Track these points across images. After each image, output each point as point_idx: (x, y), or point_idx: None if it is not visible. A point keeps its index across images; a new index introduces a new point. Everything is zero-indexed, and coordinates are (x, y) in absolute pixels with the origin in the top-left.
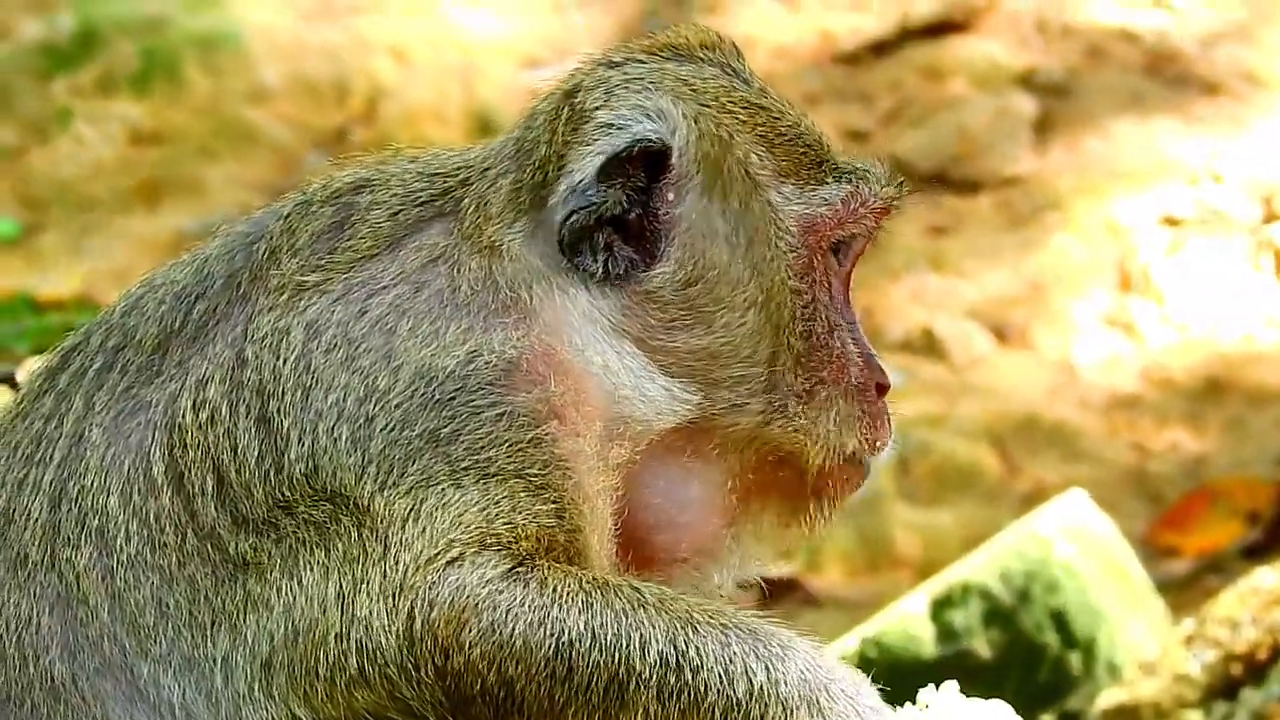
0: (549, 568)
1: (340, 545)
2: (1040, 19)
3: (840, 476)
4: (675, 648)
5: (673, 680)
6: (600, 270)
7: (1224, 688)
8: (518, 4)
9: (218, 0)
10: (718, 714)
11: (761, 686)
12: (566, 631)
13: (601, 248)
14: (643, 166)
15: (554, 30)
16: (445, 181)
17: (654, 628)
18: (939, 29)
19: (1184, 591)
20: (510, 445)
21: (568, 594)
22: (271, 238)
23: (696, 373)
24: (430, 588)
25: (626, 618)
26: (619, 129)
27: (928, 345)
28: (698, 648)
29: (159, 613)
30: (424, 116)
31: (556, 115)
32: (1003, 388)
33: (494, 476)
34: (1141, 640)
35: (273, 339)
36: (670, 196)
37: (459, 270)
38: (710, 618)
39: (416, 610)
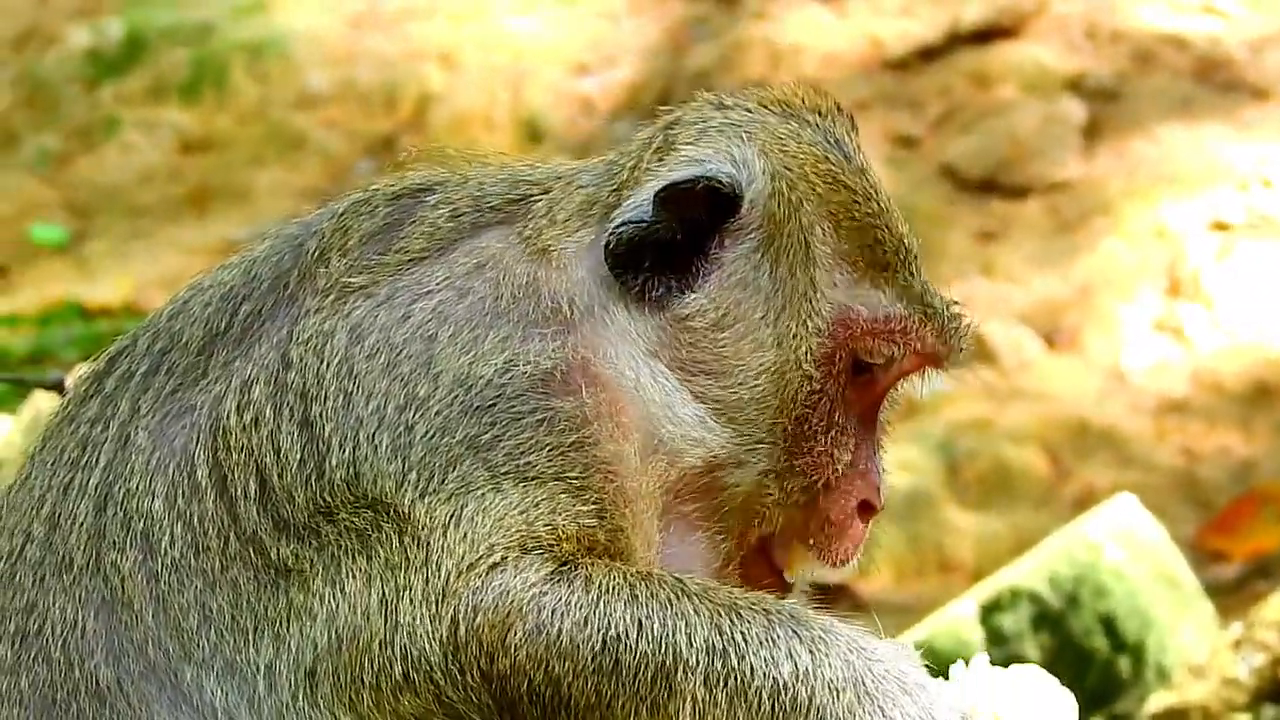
0: (592, 564)
1: (382, 552)
2: (1089, 24)
3: (767, 564)
4: (720, 634)
5: (719, 666)
6: (639, 289)
7: (1272, 691)
8: (567, 10)
9: (265, 7)
10: (764, 698)
11: (806, 669)
12: (613, 626)
13: (645, 268)
14: (706, 204)
15: (603, 36)
16: (528, 189)
17: (698, 615)
18: (988, 34)
19: (1232, 595)
20: (550, 449)
21: (612, 588)
22: (323, 237)
23: (718, 415)
24: (474, 593)
25: (671, 607)
26: (696, 164)
27: (978, 350)
28: (742, 633)
29: (202, 616)
30: (473, 122)
31: (649, 143)
32: (1052, 392)
33: (533, 480)
34: (1190, 644)
35: (317, 341)
36: (727, 242)
37: (504, 277)
38: (753, 604)
39: (460, 616)
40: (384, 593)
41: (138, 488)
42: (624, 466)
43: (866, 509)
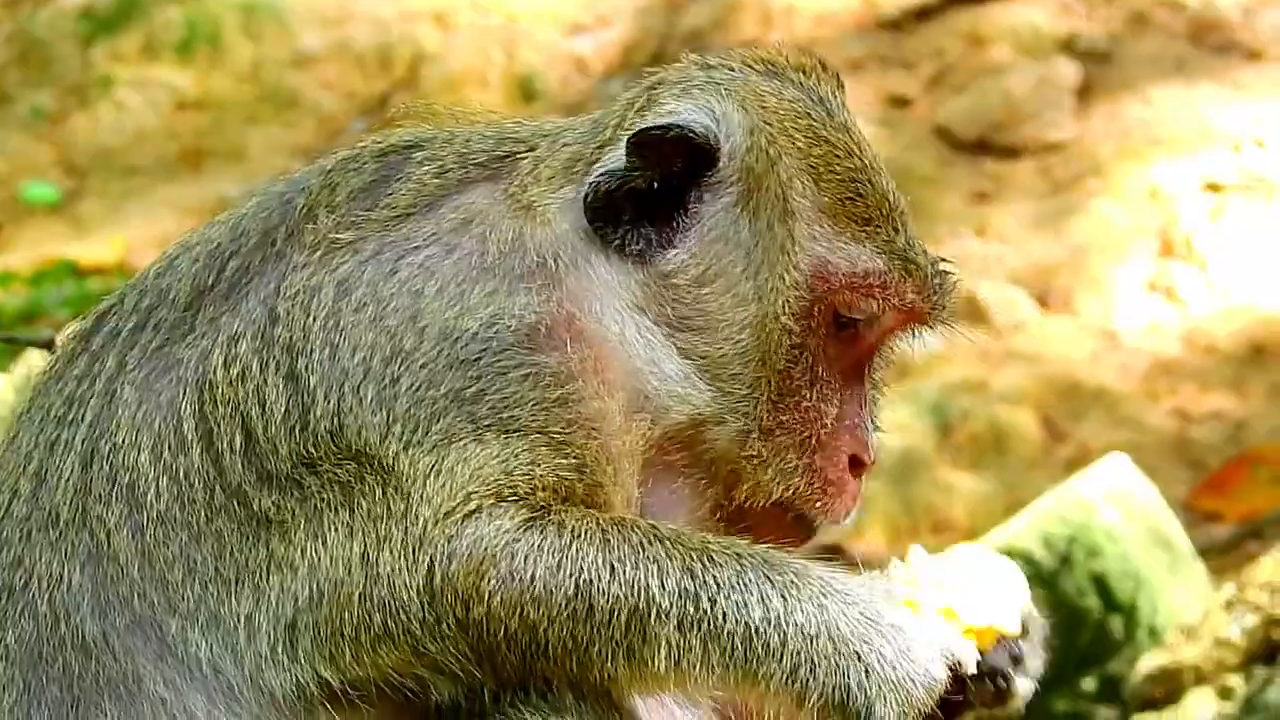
0: (565, 511)
1: (365, 504)
2: None
3: (774, 524)
4: (693, 577)
5: (691, 610)
6: (619, 241)
7: (1264, 652)
8: None
9: None
10: (737, 643)
11: (778, 614)
12: (585, 570)
13: (625, 221)
14: (683, 156)
15: None
16: (514, 146)
17: (670, 560)
18: None
19: (1225, 556)
20: (534, 404)
21: (584, 533)
22: (311, 193)
23: (702, 372)
24: (449, 541)
25: (644, 551)
26: (671, 114)
27: (970, 311)
28: (714, 577)
29: (187, 569)
30: (467, 82)
31: (633, 101)
32: (1045, 353)
33: (516, 432)
34: (1182, 605)
35: (304, 296)
36: (706, 196)
37: (491, 233)
38: (725, 549)
39: (436, 564)
40: (365, 544)
41: (124, 442)
42: (607, 424)
43: (857, 465)
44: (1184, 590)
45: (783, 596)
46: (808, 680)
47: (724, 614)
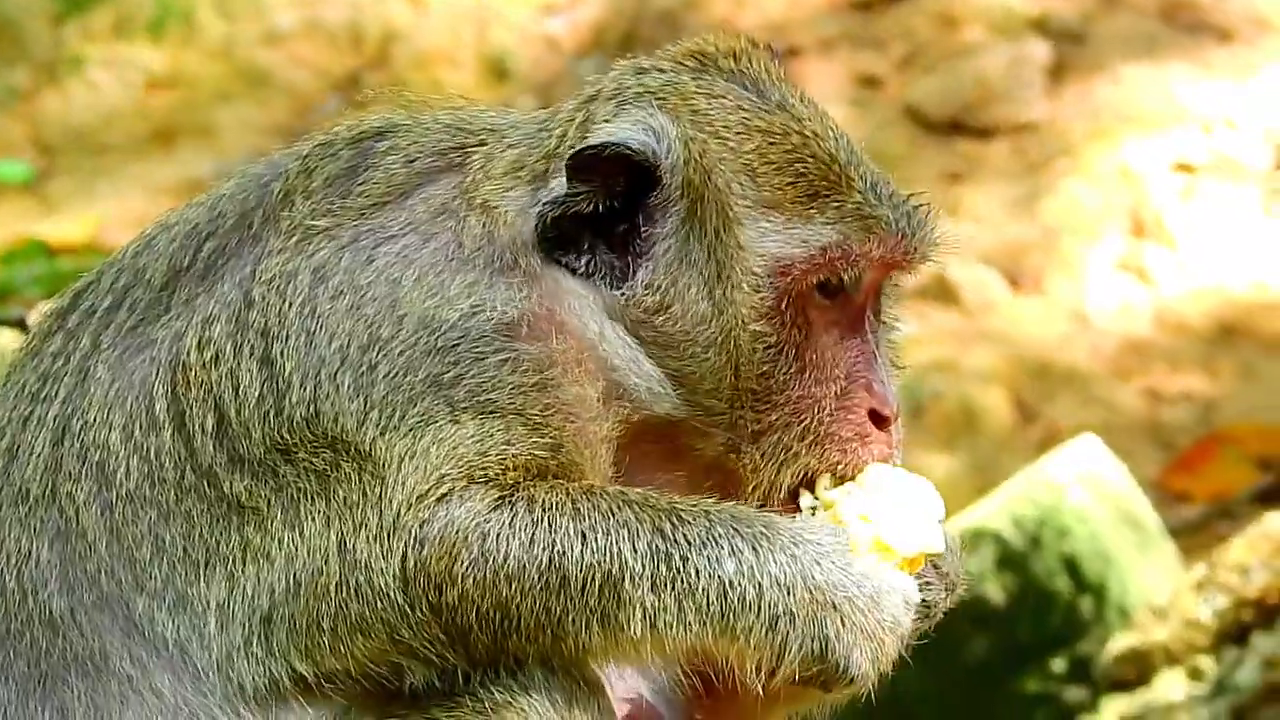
0: (535, 485)
1: (341, 491)
2: None
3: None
4: (663, 537)
5: (664, 570)
6: (583, 269)
7: (1235, 633)
8: None
9: None
10: (712, 598)
11: (751, 566)
12: (558, 541)
13: (585, 249)
14: (623, 174)
15: None
16: (466, 138)
17: (640, 522)
18: None
19: (1195, 537)
20: (513, 388)
21: (555, 505)
22: (288, 178)
23: (678, 386)
24: (421, 525)
25: (614, 516)
26: (607, 134)
27: (941, 291)
28: (684, 535)
29: (155, 548)
30: (438, 61)
31: (573, 116)
32: (1016, 333)
33: (492, 414)
34: (1153, 585)
35: (280, 281)
36: (656, 216)
37: (463, 225)
38: (693, 507)
39: (409, 549)
40: (342, 531)
41: (95, 420)
42: (585, 410)
43: (879, 420)
44: (1154, 571)
45: (754, 549)
46: (787, 633)
47: (696, 570)
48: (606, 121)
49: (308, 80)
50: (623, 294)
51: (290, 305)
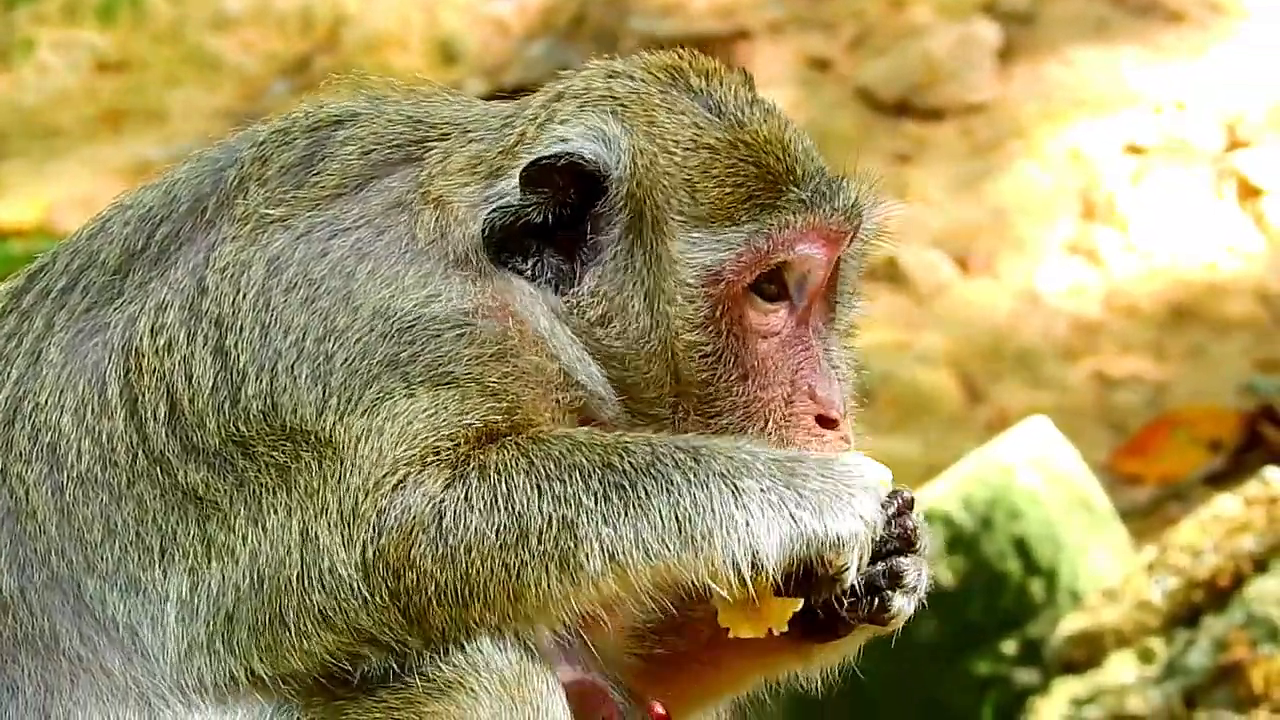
0: (485, 451)
1: (302, 480)
2: None
3: None
4: (611, 469)
5: (616, 499)
6: (530, 273)
7: (1186, 615)
8: None
9: None
10: (663, 515)
11: (693, 472)
12: (516, 500)
13: (532, 252)
14: (574, 184)
15: None
16: (427, 131)
17: (590, 461)
18: None
19: (1146, 519)
20: (470, 359)
21: (507, 464)
22: (243, 165)
23: (622, 394)
24: (379, 515)
25: (565, 460)
26: (562, 141)
27: (891, 273)
28: (631, 463)
29: (106, 530)
30: (387, 44)
31: (536, 115)
32: (966, 316)
33: (447, 385)
34: (1103, 567)
35: (234, 270)
36: (602, 225)
37: (416, 220)
38: (637, 438)
39: (369, 541)
40: (304, 520)
41: (47, 402)
42: (547, 378)
43: (827, 423)
44: (1105, 553)
45: (696, 459)
46: (747, 523)
47: (646, 492)
48: (564, 123)
49: (257, 64)
50: (567, 300)
51: (244, 296)
